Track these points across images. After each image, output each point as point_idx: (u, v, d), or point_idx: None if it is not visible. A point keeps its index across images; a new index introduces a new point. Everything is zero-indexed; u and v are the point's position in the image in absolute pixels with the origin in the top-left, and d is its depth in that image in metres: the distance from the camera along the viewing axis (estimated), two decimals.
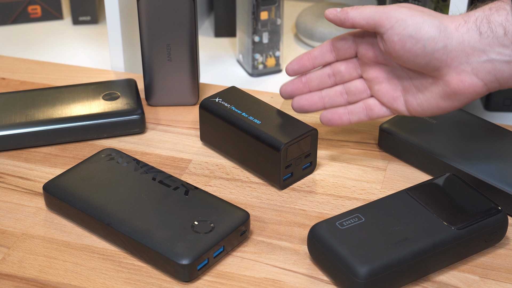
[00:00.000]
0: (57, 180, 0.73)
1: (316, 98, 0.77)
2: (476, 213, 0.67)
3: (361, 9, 0.71)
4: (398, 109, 0.74)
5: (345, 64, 0.76)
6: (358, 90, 0.76)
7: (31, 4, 1.14)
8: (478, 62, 0.66)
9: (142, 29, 0.84)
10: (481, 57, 0.66)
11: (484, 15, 0.66)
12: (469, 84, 0.67)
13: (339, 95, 0.76)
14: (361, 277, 0.62)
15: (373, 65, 0.74)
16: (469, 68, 0.67)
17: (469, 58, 0.66)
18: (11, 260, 0.67)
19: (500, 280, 0.66)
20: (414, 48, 0.68)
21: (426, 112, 0.72)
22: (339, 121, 0.76)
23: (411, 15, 0.68)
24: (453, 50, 0.66)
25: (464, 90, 0.67)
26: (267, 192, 0.76)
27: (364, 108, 0.76)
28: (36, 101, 0.85)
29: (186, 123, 0.86)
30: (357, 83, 0.76)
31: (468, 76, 0.67)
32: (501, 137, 0.78)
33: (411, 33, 0.67)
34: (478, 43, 0.66)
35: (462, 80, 0.67)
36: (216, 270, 0.67)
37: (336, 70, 0.76)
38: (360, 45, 0.74)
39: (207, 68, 1.04)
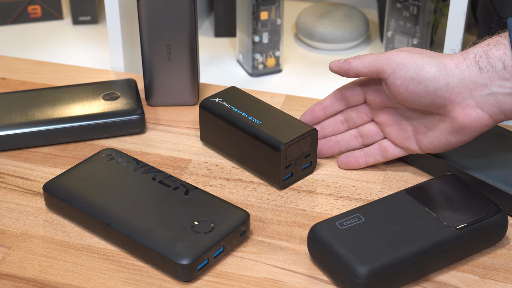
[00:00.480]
0: (57, 180, 0.73)
1: (332, 143, 0.79)
2: (476, 213, 0.67)
3: (363, 58, 0.73)
4: (411, 148, 0.75)
5: (356, 110, 0.78)
6: (371, 133, 0.78)
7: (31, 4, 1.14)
8: (481, 96, 0.68)
9: (142, 29, 0.84)
10: (483, 91, 0.68)
11: (482, 50, 0.68)
12: (475, 118, 0.69)
13: (354, 138, 0.79)
14: (361, 277, 0.62)
15: (382, 109, 0.76)
16: (473, 103, 0.68)
17: (472, 93, 0.68)
18: (11, 260, 0.67)
19: (500, 280, 0.66)
20: (417, 89, 0.69)
21: (437, 148, 0.73)
22: (356, 164, 0.78)
23: (410, 58, 0.70)
24: (455, 86, 0.68)
25: (471, 124, 0.69)
26: (267, 192, 0.76)
27: (379, 149, 0.77)
28: (36, 101, 0.85)
29: (186, 123, 0.86)
30: (370, 126, 0.78)
31: (473, 110, 0.68)
32: (501, 137, 0.78)
33: (413, 75, 0.69)
34: (478, 78, 0.67)
35: (467, 114, 0.69)
36: (216, 270, 0.67)
37: (348, 117, 0.79)
38: (368, 92, 0.76)
39: (207, 68, 1.04)
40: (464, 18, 0.84)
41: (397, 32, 1.01)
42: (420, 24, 0.99)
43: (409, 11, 0.99)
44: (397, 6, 1.00)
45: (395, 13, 1.01)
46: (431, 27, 1.01)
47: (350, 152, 0.79)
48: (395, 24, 1.01)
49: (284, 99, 0.90)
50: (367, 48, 1.10)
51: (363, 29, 1.08)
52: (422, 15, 0.99)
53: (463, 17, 0.84)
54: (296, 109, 0.88)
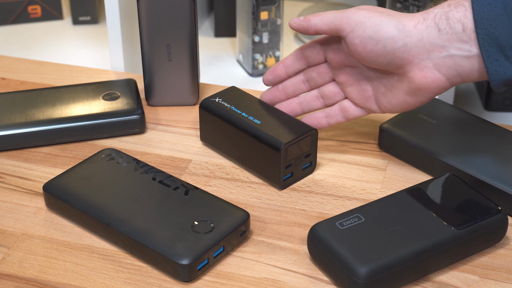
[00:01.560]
0: (57, 180, 0.73)
1: (294, 105, 0.79)
2: (476, 213, 0.67)
3: (322, 15, 0.72)
4: (371, 108, 0.76)
5: (317, 70, 0.78)
6: (332, 93, 0.78)
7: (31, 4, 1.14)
8: (439, 57, 0.68)
9: (142, 29, 0.84)
10: (442, 53, 0.67)
11: (443, 11, 0.67)
12: (432, 80, 0.69)
13: (315, 99, 0.79)
14: (361, 277, 0.62)
15: (342, 68, 0.76)
16: (430, 64, 0.68)
17: (430, 54, 0.68)
18: (11, 260, 0.67)
19: (500, 280, 0.66)
20: (375, 49, 0.69)
21: (396, 109, 0.74)
22: (318, 125, 0.79)
23: (369, 17, 0.69)
24: (413, 47, 0.68)
25: (428, 85, 0.69)
26: (267, 192, 0.76)
27: (340, 110, 0.78)
28: (36, 101, 0.85)
29: (186, 123, 0.86)
30: (331, 86, 0.78)
31: (430, 71, 0.68)
32: (501, 137, 0.78)
33: (371, 35, 0.69)
34: (437, 39, 0.67)
35: (424, 75, 0.69)
36: (216, 270, 0.67)
37: (309, 76, 0.79)
38: (328, 51, 0.76)
39: (207, 68, 1.04)
40: None
41: None
42: None
43: (409, 11, 0.99)
44: (397, 6, 1.00)
45: None
46: None
47: (312, 113, 0.79)
48: None
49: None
50: None
51: None
52: None
53: None
54: None
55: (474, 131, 0.79)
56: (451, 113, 0.82)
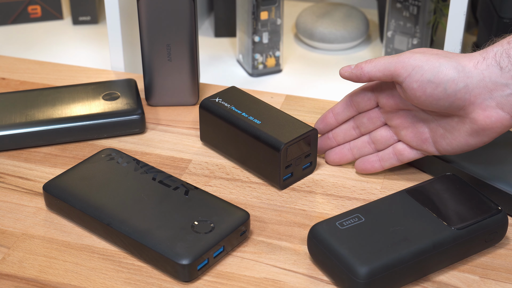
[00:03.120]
0: (57, 180, 0.73)
1: (345, 151, 0.78)
2: (476, 213, 0.67)
3: (375, 62, 0.71)
4: (428, 151, 0.74)
5: (367, 116, 0.77)
6: (384, 138, 0.76)
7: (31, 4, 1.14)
8: (502, 96, 0.66)
9: (142, 29, 0.84)
10: (504, 91, 0.66)
11: (503, 49, 0.66)
12: (496, 119, 0.67)
13: (367, 144, 0.77)
14: (361, 277, 0.62)
15: (396, 112, 0.74)
16: (493, 103, 0.67)
17: (492, 94, 0.66)
18: (11, 260, 0.67)
19: (500, 280, 0.66)
20: (435, 92, 0.68)
21: (456, 150, 0.71)
22: (372, 169, 0.77)
23: (426, 60, 0.68)
24: (475, 88, 0.66)
25: (492, 125, 0.67)
26: (267, 192, 0.76)
27: (394, 153, 0.76)
28: (36, 101, 0.85)
29: (186, 123, 0.86)
30: (382, 131, 0.76)
31: (494, 111, 0.67)
32: (501, 137, 0.78)
33: (430, 78, 0.67)
34: (499, 78, 0.66)
35: (488, 115, 0.67)
36: (216, 270, 0.67)
37: (360, 122, 0.77)
38: (380, 96, 0.75)
39: (207, 68, 1.04)
40: (464, 18, 0.84)
41: (397, 32, 1.01)
42: (420, 24, 0.99)
43: (409, 11, 0.99)
44: (397, 6, 1.00)
45: (395, 13, 1.01)
46: (431, 27, 1.01)
47: (366, 157, 0.77)
48: (395, 24, 1.01)
49: (284, 99, 0.90)
50: (367, 48, 1.10)
51: (363, 29, 1.08)
52: (422, 15, 0.99)
53: (463, 17, 0.84)
54: (296, 109, 0.88)
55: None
56: None
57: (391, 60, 0.70)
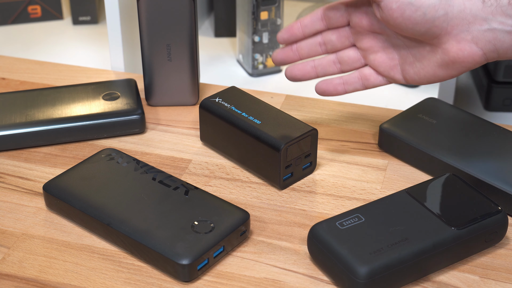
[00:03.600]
0: (57, 180, 0.73)
1: (308, 68, 0.75)
2: (476, 213, 0.67)
3: None
4: (394, 78, 0.72)
5: (337, 33, 0.74)
6: (351, 59, 0.74)
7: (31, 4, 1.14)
8: (479, 30, 0.65)
9: (142, 29, 0.84)
10: (483, 26, 0.65)
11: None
12: (469, 53, 0.66)
13: (332, 64, 0.75)
14: (361, 277, 0.62)
15: (368, 34, 0.73)
16: (469, 37, 0.65)
17: (470, 27, 0.65)
18: (11, 260, 0.67)
19: (500, 280, 0.66)
20: (414, 16, 0.66)
21: (422, 80, 0.70)
22: (334, 91, 0.75)
23: None
24: (454, 17, 0.65)
25: (463, 58, 0.66)
26: (267, 192, 0.76)
27: (359, 77, 0.74)
28: (36, 101, 0.85)
29: (186, 123, 0.86)
30: (350, 52, 0.74)
31: (468, 44, 0.65)
32: (501, 137, 0.78)
33: (411, 0, 0.65)
34: (480, 11, 0.64)
35: (461, 48, 0.66)
36: (216, 270, 0.67)
37: (327, 39, 0.75)
38: (353, 14, 0.72)
39: (207, 68, 1.04)
40: None
41: None
42: None
43: None
44: None
45: None
46: None
47: (329, 79, 0.75)
48: None
49: (284, 99, 0.90)
50: None
51: None
52: None
53: None
54: (296, 109, 0.88)
55: (474, 131, 0.79)
56: (451, 113, 0.82)
57: None
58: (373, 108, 0.89)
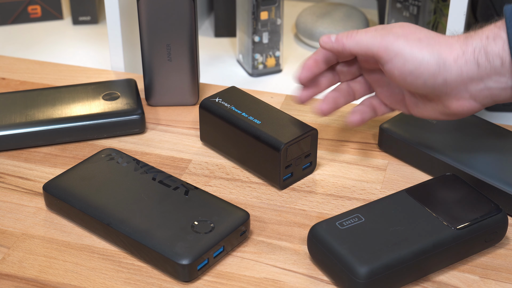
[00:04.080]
0: (57, 180, 0.73)
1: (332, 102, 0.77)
2: (476, 213, 0.67)
3: (357, 38, 0.71)
4: (400, 110, 0.77)
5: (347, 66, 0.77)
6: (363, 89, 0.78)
7: (31, 4, 1.14)
8: (476, 89, 0.68)
9: (142, 29, 0.84)
10: (479, 85, 0.68)
11: (481, 45, 0.67)
12: (468, 108, 0.70)
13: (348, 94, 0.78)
14: (361, 277, 0.62)
15: (374, 70, 0.76)
16: (467, 95, 0.69)
17: (468, 87, 0.68)
18: (11, 260, 0.67)
19: (500, 280, 0.66)
20: (415, 83, 0.69)
21: (424, 117, 0.75)
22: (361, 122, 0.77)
23: (410, 49, 0.68)
24: (453, 82, 0.68)
25: (463, 112, 0.70)
26: (267, 192, 0.76)
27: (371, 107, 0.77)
28: (36, 101, 0.85)
29: (186, 123, 0.86)
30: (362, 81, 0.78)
31: (467, 101, 0.69)
32: (501, 137, 0.78)
33: (411, 70, 0.69)
34: (476, 74, 0.67)
35: (461, 105, 0.70)
36: (216, 270, 0.67)
37: (339, 70, 0.77)
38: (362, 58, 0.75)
39: (207, 68, 1.04)
40: (464, 18, 0.84)
41: None
42: (420, 24, 0.99)
43: (409, 11, 0.99)
44: (397, 6, 1.00)
45: (395, 13, 1.00)
46: (431, 27, 1.01)
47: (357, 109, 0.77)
48: None
49: (284, 99, 0.90)
50: None
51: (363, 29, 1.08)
52: (422, 15, 0.99)
53: (463, 17, 0.84)
54: (296, 109, 0.88)
55: (474, 131, 0.79)
56: None
57: (374, 42, 0.70)
58: None
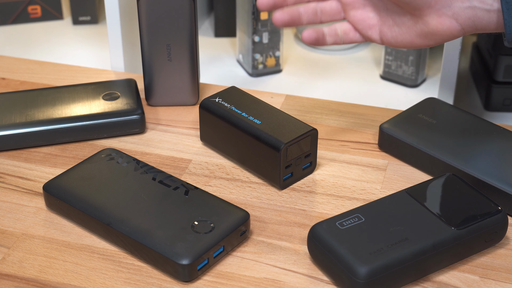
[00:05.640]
0: (57, 180, 0.73)
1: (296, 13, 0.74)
2: (476, 213, 0.67)
3: None
4: (371, 38, 0.74)
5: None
6: (333, 11, 0.75)
7: (31, 4, 1.14)
8: (460, 7, 0.67)
9: (142, 29, 0.84)
10: (464, 3, 0.67)
11: None
12: (448, 27, 0.68)
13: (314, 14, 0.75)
14: (361, 277, 0.62)
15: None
16: (450, 12, 0.68)
17: (452, 3, 0.67)
18: (11, 260, 0.67)
19: (500, 280, 0.66)
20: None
21: (398, 44, 0.72)
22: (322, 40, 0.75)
23: None
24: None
25: (442, 31, 0.69)
26: (267, 192, 0.76)
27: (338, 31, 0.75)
28: (36, 101, 0.85)
29: (186, 123, 0.86)
30: (333, 3, 0.75)
31: (448, 19, 0.68)
32: (501, 137, 0.78)
33: None
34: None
35: (441, 22, 0.68)
36: (216, 270, 0.67)
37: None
38: None
39: (207, 68, 1.04)
40: None
41: None
42: None
43: None
44: None
45: None
46: None
47: (317, 28, 0.75)
48: None
49: (284, 99, 0.90)
50: (367, 48, 1.10)
51: None
52: None
53: None
54: (296, 109, 0.88)
55: (474, 131, 0.79)
56: (451, 113, 0.82)
57: None
58: (373, 108, 0.89)
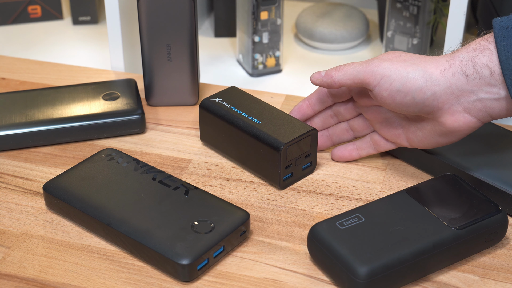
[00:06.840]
0: (57, 180, 0.73)
1: (324, 138, 0.80)
2: (476, 213, 0.67)
3: (345, 69, 0.72)
4: (401, 144, 0.76)
5: (344, 106, 0.78)
6: (362, 127, 0.79)
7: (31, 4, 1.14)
8: (468, 102, 0.68)
9: (142, 29, 0.84)
10: (471, 97, 0.67)
11: (468, 56, 0.67)
12: (463, 122, 0.69)
13: (345, 132, 0.79)
14: (361, 277, 0.62)
15: (370, 107, 0.76)
16: (460, 108, 0.68)
17: (459, 99, 0.68)
18: (11, 260, 0.68)
19: (500, 280, 0.66)
20: (405, 101, 0.69)
21: (426, 146, 0.74)
22: (349, 157, 0.79)
23: (394, 69, 0.69)
24: (442, 95, 0.68)
25: (460, 128, 0.69)
26: (267, 192, 0.76)
27: (371, 143, 0.78)
28: (36, 101, 0.85)
29: (186, 123, 0.86)
30: (359, 120, 0.79)
31: (462, 115, 0.69)
32: (501, 137, 0.78)
33: (399, 88, 0.69)
34: (465, 85, 0.67)
35: (456, 120, 0.69)
36: (216, 270, 0.67)
37: (336, 111, 0.79)
38: (354, 93, 0.76)
39: (207, 68, 1.04)
40: (464, 18, 0.84)
41: (397, 32, 1.01)
42: (420, 24, 0.99)
43: (409, 11, 0.99)
44: (397, 6, 1.00)
45: (395, 13, 1.01)
46: (431, 27, 1.01)
47: (343, 146, 0.79)
48: (395, 24, 1.01)
49: (284, 99, 0.90)
50: (367, 48, 1.10)
51: (363, 29, 1.08)
52: (422, 15, 0.99)
53: (463, 17, 0.84)
54: None
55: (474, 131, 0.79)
56: None
57: (360, 69, 0.71)
58: None
